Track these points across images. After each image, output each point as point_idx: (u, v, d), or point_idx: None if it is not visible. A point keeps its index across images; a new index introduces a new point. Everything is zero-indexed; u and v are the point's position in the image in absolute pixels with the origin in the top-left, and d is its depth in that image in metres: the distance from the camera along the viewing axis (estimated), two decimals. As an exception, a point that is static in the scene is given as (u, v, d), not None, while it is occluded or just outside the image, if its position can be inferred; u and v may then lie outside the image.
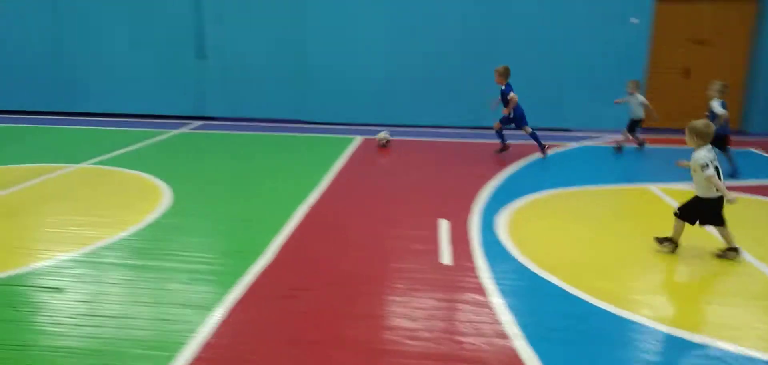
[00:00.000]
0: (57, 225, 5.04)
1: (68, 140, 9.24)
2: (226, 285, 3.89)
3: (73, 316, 3.47)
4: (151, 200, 5.85)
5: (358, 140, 9.32)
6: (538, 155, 8.24)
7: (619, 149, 8.66)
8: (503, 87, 8.06)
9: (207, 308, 3.58)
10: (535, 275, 4.15)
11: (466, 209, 5.70)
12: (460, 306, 3.67)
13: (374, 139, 9.01)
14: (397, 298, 3.76)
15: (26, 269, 4.12)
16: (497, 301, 3.72)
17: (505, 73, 8.05)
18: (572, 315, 3.57)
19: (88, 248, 4.49)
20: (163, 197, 5.95)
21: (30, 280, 3.96)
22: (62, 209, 5.57)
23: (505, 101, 8.08)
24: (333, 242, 4.84)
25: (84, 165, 7.32)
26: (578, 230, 5.21)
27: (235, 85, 11.30)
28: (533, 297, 3.82)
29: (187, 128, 10.39)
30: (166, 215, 5.35)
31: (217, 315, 3.48)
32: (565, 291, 3.89)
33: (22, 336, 3.26)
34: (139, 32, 11.20)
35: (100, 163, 7.46)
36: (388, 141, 8.90)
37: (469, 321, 3.46)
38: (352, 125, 10.69)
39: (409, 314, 3.55)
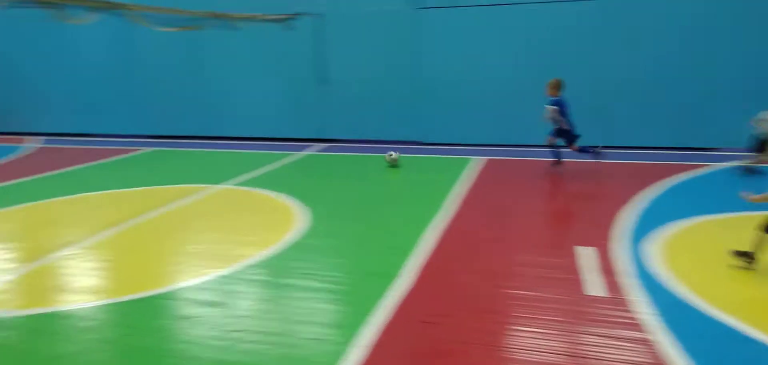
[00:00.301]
0: (210, 242, 5.43)
1: (208, 162, 10.02)
2: (368, 307, 3.93)
3: (233, 331, 3.68)
4: (288, 220, 6.13)
5: (477, 161, 9.18)
6: (670, 181, 7.64)
7: (750, 170, 7.76)
8: (554, 98, 7.87)
9: (352, 329, 3.63)
10: (707, 313, 3.75)
11: (604, 234, 5.35)
12: (621, 343, 3.40)
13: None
14: (548, 331, 3.58)
15: (188, 284, 4.46)
16: (663, 340, 3.41)
17: (557, 86, 7.92)
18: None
19: (239, 266, 4.77)
20: (298, 217, 6.21)
21: (193, 294, 4.27)
22: (212, 227, 6.00)
23: (562, 114, 7.91)
24: (469, 267, 4.74)
25: (225, 186, 7.87)
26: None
27: (354, 108, 11.66)
28: (712, 340, 3.42)
29: (311, 150, 10.85)
30: (306, 236, 5.56)
31: (363, 338, 3.51)
32: (752, 337, 3.42)
33: (188, 349, 3.50)
34: (269, 62, 11.94)
35: (239, 184, 7.98)
36: (392, 157, 8.96)
37: (637, 363, 3.19)
38: (468, 146, 10.57)
39: (565, 350, 3.35)
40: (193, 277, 4.59)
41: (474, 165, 8.90)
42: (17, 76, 14.05)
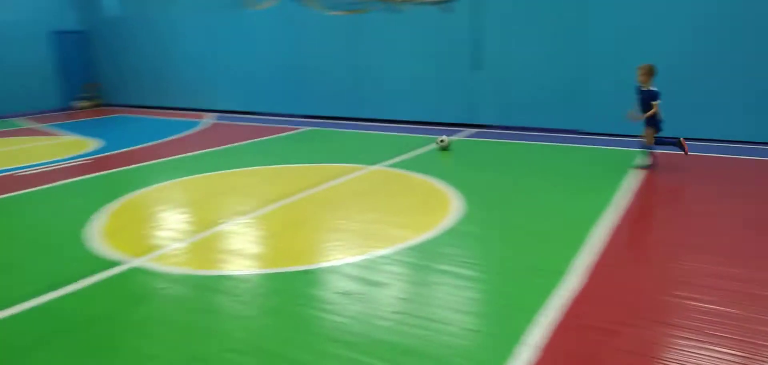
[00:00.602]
0: (367, 221, 5.51)
1: (363, 143, 10.30)
2: (532, 304, 3.67)
3: (394, 312, 3.65)
4: (442, 204, 6.03)
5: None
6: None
7: None
8: (645, 88, 7.24)
9: (516, 325, 3.40)
10: None
11: (820, 250, 4.48)
12: None
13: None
14: (762, 360, 3.04)
15: (348, 260, 4.54)
16: None
17: (650, 73, 7.25)
18: None
19: (396, 247, 4.76)
20: (452, 202, 6.08)
21: (353, 270, 4.34)
22: (368, 206, 6.10)
23: (646, 105, 7.22)
24: (648, 272, 4.24)
25: (379, 167, 7.99)
26: None
27: (508, 94, 11.22)
28: None
29: (461, 135, 10.65)
30: (461, 223, 5.41)
31: (533, 338, 3.27)
32: None
33: (351, 325, 3.53)
34: (423, 45, 11.93)
35: (392, 165, 8.06)
36: (443, 142, 9.15)
37: None
38: (635, 137, 9.60)
39: (779, 381, 2.82)
40: (352, 254, 4.67)
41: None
42: (197, 58, 15.70)
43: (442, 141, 9.19)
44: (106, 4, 17.10)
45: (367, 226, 5.39)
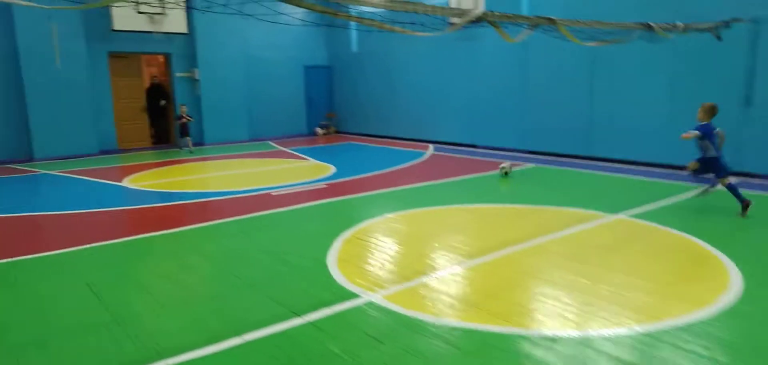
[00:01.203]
0: (619, 285, 4.71)
1: (596, 185, 9.32)
2: None
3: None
4: (712, 273, 4.93)
5: None
6: None
7: None
8: (701, 124, 6.96)
9: None
10: None
11: None
12: None
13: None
14: None
15: (598, 332, 3.87)
16: None
17: (711, 112, 7.06)
18: None
19: (660, 325, 3.94)
20: (725, 271, 4.93)
21: (605, 346, 3.67)
22: (616, 265, 5.25)
23: (708, 140, 6.97)
24: None
25: (621, 216, 7.03)
26: None
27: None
28: None
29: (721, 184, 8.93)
30: (742, 301, 4.31)
31: None
32: None
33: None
34: (673, 76, 10.43)
35: (637, 216, 7.01)
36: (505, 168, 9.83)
37: None
38: None
39: None
40: (605, 325, 3.97)
41: None
42: (421, 90, 16.25)
43: (503, 168, 9.89)
44: (350, 42, 18.84)
45: (619, 291, 4.61)
